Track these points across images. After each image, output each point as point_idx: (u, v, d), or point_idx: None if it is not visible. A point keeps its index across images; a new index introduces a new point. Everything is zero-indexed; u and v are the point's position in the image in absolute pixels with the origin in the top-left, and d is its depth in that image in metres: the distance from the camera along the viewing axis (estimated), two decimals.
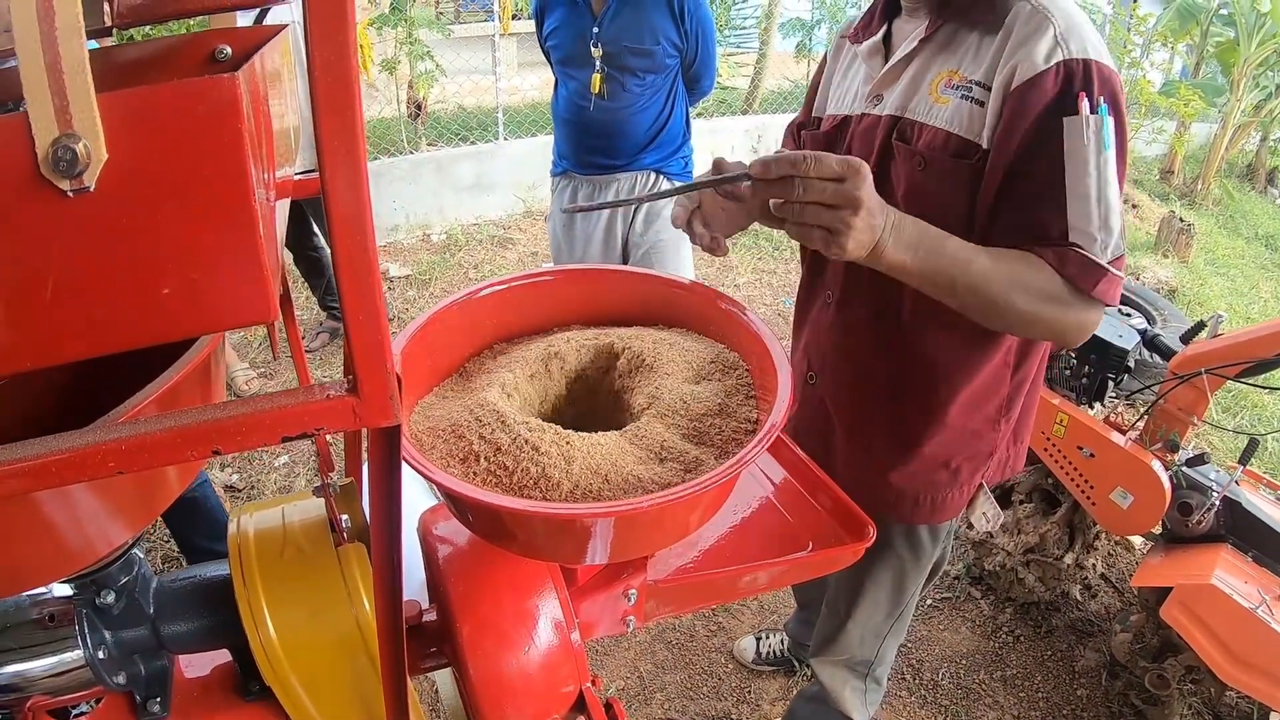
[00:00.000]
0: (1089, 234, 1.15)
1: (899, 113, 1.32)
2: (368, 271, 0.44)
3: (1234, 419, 4.11)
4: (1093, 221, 1.14)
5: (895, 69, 1.34)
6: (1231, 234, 7.37)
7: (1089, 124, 1.12)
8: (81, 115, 0.44)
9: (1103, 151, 1.13)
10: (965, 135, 1.23)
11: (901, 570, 1.68)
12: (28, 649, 0.90)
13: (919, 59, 1.31)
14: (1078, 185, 1.14)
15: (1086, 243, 1.15)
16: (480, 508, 0.89)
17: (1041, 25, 1.15)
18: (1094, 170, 1.13)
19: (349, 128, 0.41)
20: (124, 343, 0.47)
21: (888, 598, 1.73)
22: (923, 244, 1.08)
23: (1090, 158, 1.13)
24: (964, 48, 1.25)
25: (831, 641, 1.84)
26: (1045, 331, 1.21)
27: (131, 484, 0.72)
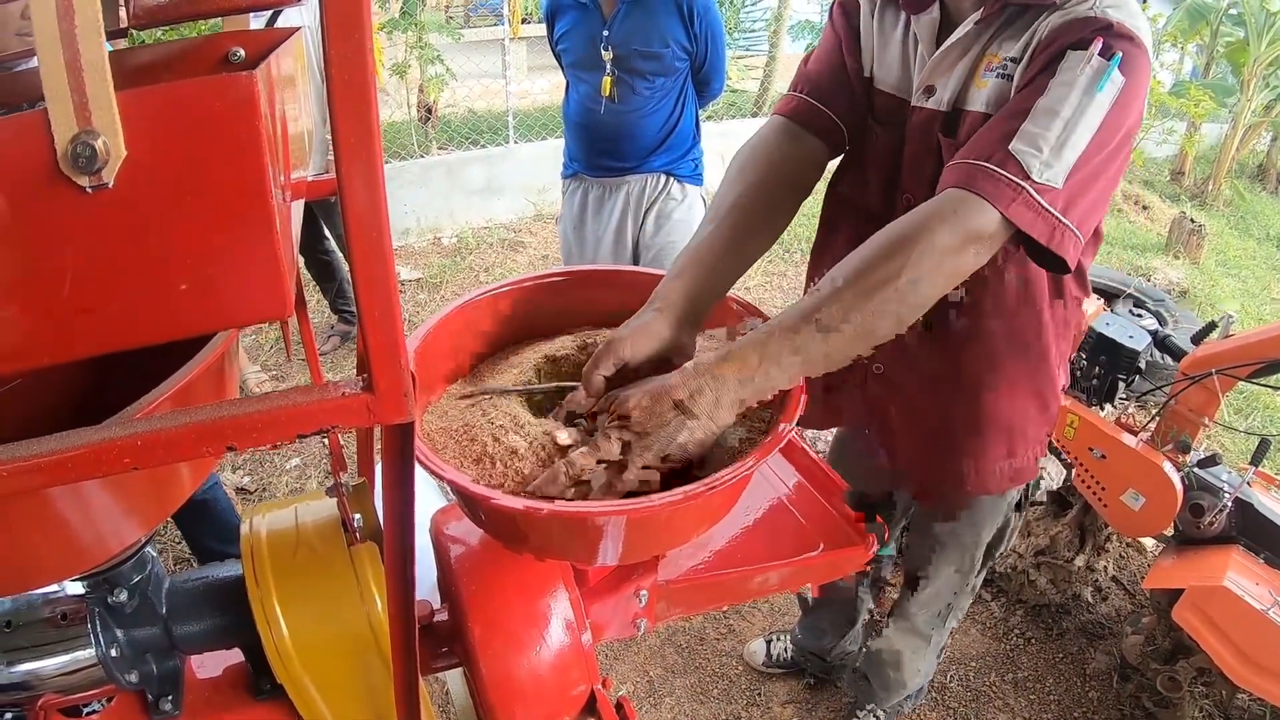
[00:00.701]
0: (1035, 145, 1.04)
1: (949, 107, 1.29)
2: (383, 269, 0.45)
3: (1246, 420, 4.09)
4: (1046, 138, 1.04)
5: (950, 54, 1.27)
6: (1243, 235, 7.34)
7: (1090, 60, 1.06)
8: (100, 112, 0.44)
9: (1093, 91, 1.05)
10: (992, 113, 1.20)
11: (976, 535, 1.79)
12: (40, 647, 0.90)
13: (974, 46, 1.25)
14: (1051, 102, 1.06)
15: (1026, 149, 1.04)
16: (492, 507, 0.89)
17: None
18: (1074, 100, 1.05)
19: (365, 125, 0.42)
20: (141, 338, 0.47)
21: (961, 560, 1.84)
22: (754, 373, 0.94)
23: (1076, 88, 1.06)
24: (1012, 29, 1.21)
25: (906, 606, 1.98)
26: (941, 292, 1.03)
27: (144, 482, 0.73)
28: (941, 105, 1.29)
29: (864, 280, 0.97)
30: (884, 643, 2.09)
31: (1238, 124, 8.08)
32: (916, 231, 1.00)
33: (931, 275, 0.99)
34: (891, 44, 1.37)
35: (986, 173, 1.04)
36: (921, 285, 0.98)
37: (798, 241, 5.90)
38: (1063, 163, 1.04)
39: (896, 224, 1.03)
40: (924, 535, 1.88)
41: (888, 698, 2.25)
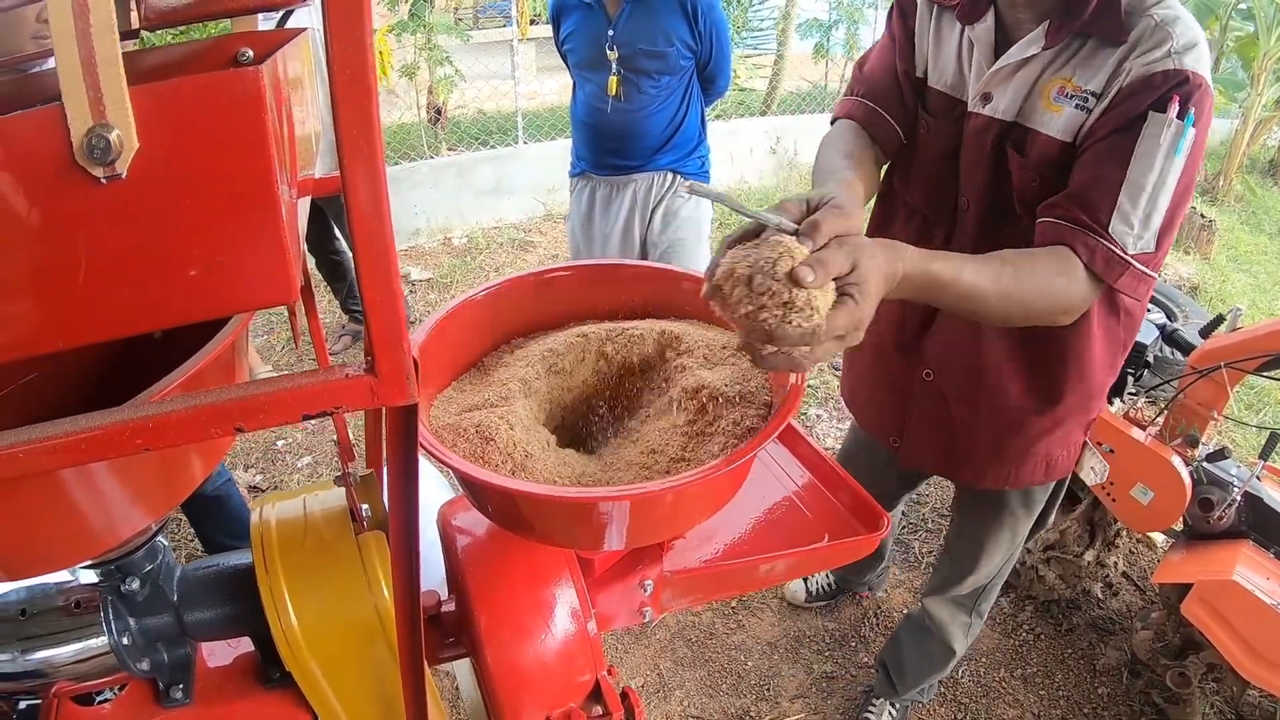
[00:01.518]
0: (1129, 222, 1.18)
1: (1011, 118, 1.35)
2: (384, 255, 0.46)
3: (1256, 414, 4.08)
4: (1138, 211, 1.18)
5: (1006, 69, 1.34)
6: (1254, 230, 7.30)
7: (1170, 125, 1.16)
8: (114, 106, 0.46)
9: (1173, 155, 1.17)
10: (1069, 141, 1.29)
11: (1015, 526, 1.86)
12: (54, 635, 0.92)
13: (1033, 64, 1.32)
14: (1138, 174, 1.18)
15: (1122, 229, 1.18)
16: (497, 493, 0.90)
17: (1162, 40, 1.19)
18: (1158, 166, 1.17)
19: (365, 114, 0.43)
20: (153, 322, 0.49)
21: (1004, 549, 1.93)
22: (930, 290, 1.04)
23: (1159, 154, 1.17)
24: (1080, 56, 1.27)
25: (948, 584, 2.06)
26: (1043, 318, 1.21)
27: (155, 467, 0.74)
28: (999, 114, 1.36)
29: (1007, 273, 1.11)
30: (925, 620, 2.16)
31: (1248, 119, 8.03)
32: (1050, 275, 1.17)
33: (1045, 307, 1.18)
34: (948, 46, 1.44)
35: (1094, 244, 1.19)
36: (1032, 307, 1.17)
37: None
38: (1150, 230, 1.20)
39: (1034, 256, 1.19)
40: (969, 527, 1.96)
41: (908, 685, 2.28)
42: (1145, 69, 1.19)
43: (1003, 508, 1.83)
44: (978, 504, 1.91)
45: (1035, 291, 1.15)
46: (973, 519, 1.94)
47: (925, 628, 2.17)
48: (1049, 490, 1.82)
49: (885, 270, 0.92)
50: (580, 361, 1.13)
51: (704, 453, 0.95)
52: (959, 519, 2.02)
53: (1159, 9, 1.21)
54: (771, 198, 6.62)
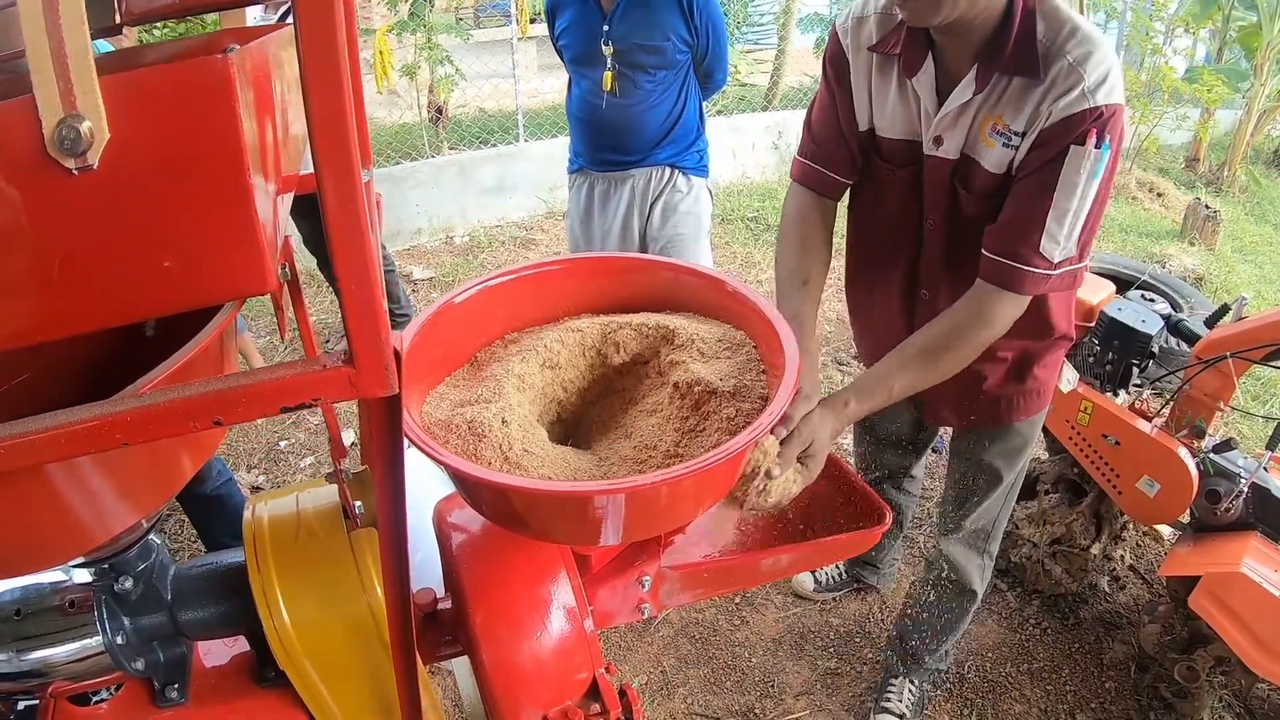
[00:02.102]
0: (1055, 239, 1.38)
1: (958, 155, 1.51)
2: (359, 244, 0.45)
3: (1262, 405, 4.05)
4: (1063, 230, 1.38)
5: (950, 115, 1.48)
6: (1259, 220, 7.25)
7: (1089, 156, 1.33)
8: (85, 97, 0.45)
9: (1092, 180, 1.35)
10: (1002, 174, 1.46)
11: (1027, 449, 1.99)
12: (49, 635, 0.92)
13: (970, 106, 1.46)
14: (1063, 199, 1.36)
15: (1050, 246, 1.38)
16: (491, 489, 0.90)
17: (1075, 81, 1.33)
18: (1079, 191, 1.35)
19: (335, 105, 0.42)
20: (129, 315, 0.48)
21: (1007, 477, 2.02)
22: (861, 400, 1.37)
23: (1080, 181, 1.34)
24: (1008, 95, 1.42)
25: (959, 522, 2.12)
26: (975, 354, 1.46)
27: (142, 462, 0.74)
28: (950, 154, 1.52)
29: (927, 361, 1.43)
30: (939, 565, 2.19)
31: (1252, 109, 7.98)
32: (965, 331, 1.44)
33: (973, 354, 1.45)
34: (891, 96, 1.57)
35: (1021, 274, 1.41)
36: (965, 360, 1.45)
37: None
38: (1073, 239, 1.40)
39: (948, 321, 1.46)
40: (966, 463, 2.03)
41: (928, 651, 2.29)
42: (1063, 112, 1.34)
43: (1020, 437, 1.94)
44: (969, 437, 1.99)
45: (958, 354, 1.43)
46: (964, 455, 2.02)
47: (940, 578, 2.20)
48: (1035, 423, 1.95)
49: (833, 430, 1.28)
50: (574, 356, 1.12)
51: (698, 447, 0.94)
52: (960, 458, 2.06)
53: (1073, 48, 1.34)
54: (773, 193, 6.60)
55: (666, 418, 1.01)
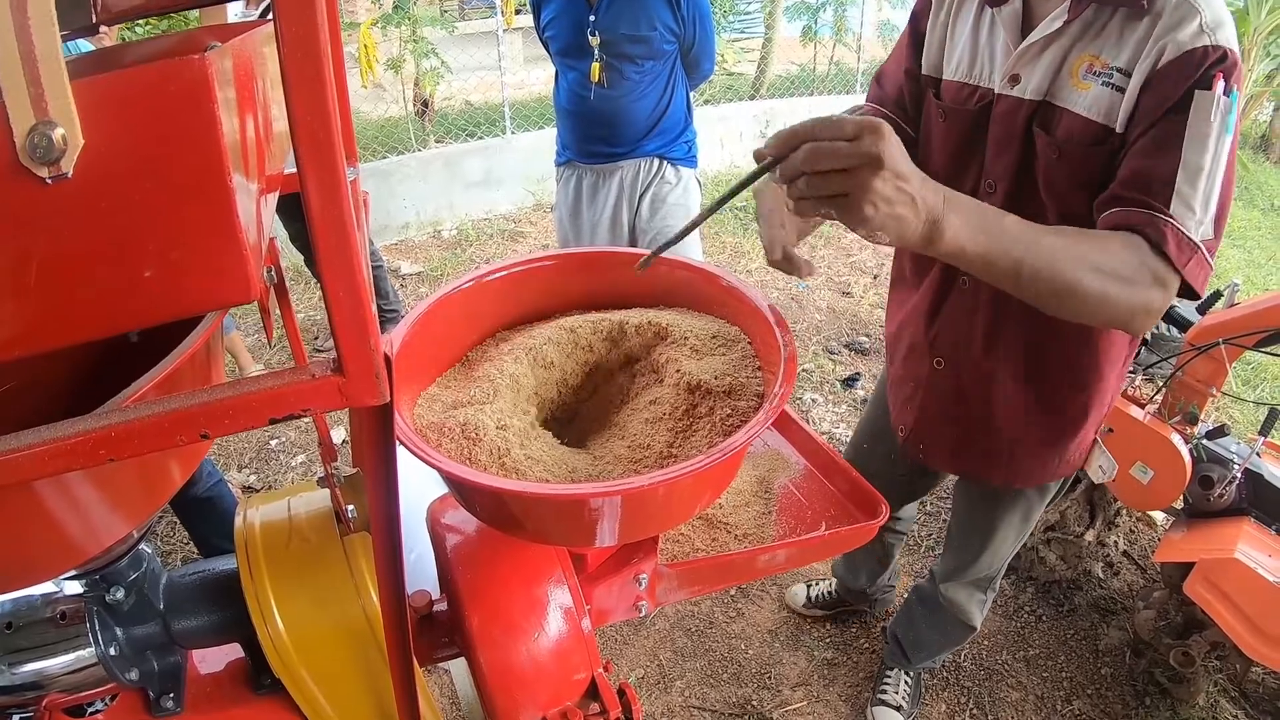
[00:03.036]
0: (1190, 205, 1.13)
1: (1040, 97, 1.31)
2: (345, 247, 0.44)
3: (1253, 390, 4.06)
4: (1198, 195, 1.13)
5: (1034, 48, 1.31)
6: (1247, 205, 7.27)
7: (1219, 104, 1.12)
8: (57, 102, 0.44)
9: (1224, 134, 1.13)
10: (1103, 122, 1.24)
11: (1029, 512, 1.84)
12: (41, 647, 0.90)
13: (1060, 40, 1.28)
14: (1193, 156, 1.13)
15: (1184, 213, 1.13)
16: (487, 494, 0.88)
17: (1189, 14, 1.15)
18: (1212, 146, 1.13)
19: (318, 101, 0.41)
20: (108, 328, 0.46)
21: (1016, 533, 1.89)
22: (983, 225, 0.98)
23: (1212, 134, 1.13)
24: (1106, 31, 1.24)
25: (963, 570, 2.02)
26: (1113, 315, 1.11)
27: (131, 473, 0.72)
28: (1028, 94, 1.32)
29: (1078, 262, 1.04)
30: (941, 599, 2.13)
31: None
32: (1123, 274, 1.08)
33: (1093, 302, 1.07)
34: (965, 32, 1.42)
35: (1162, 224, 1.12)
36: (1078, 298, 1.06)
37: None
38: (1209, 214, 1.15)
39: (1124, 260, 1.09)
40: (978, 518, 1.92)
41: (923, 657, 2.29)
42: (1180, 48, 1.15)
43: (1015, 499, 1.80)
44: (986, 495, 1.87)
45: (1114, 260, 1.08)
46: (982, 510, 1.90)
47: (940, 606, 2.14)
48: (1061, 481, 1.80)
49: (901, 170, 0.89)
50: (567, 354, 1.11)
51: (693, 446, 0.93)
52: (966, 510, 1.98)
53: None
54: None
55: (660, 417, 0.99)
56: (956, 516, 2.03)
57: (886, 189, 0.87)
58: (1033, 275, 1.02)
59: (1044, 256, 1.02)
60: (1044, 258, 1.02)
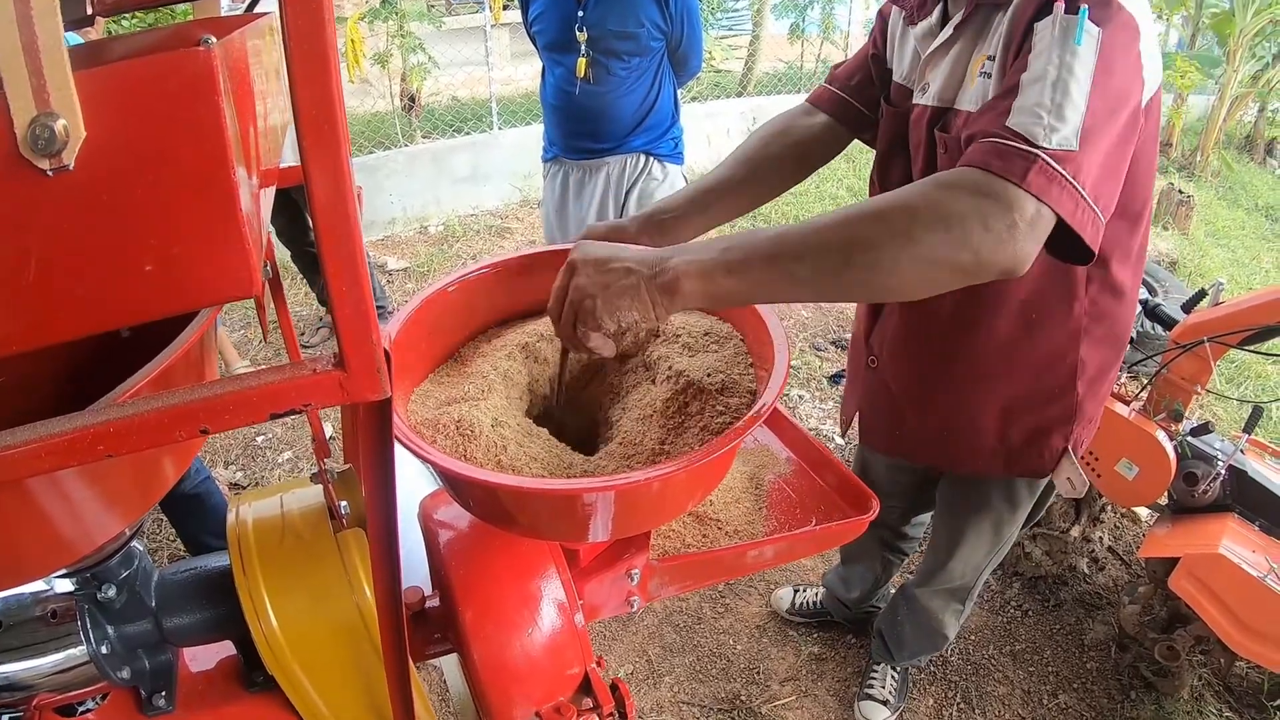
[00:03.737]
0: (1034, 113, 0.97)
1: (942, 103, 1.32)
2: (349, 242, 0.44)
3: (1236, 388, 4.10)
4: (1042, 104, 0.97)
5: (937, 53, 1.32)
6: (1231, 205, 7.34)
7: (1057, 20, 1.02)
8: (59, 93, 0.43)
9: (1069, 43, 0.99)
10: None
11: (999, 520, 1.82)
12: (31, 646, 0.89)
13: (958, 45, 1.28)
14: (1035, 69, 1.01)
15: (1026, 120, 0.96)
16: (483, 489, 0.88)
17: None
18: (1055, 58, 1.00)
19: (325, 96, 0.41)
20: (109, 322, 0.46)
21: (987, 541, 1.88)
22: (732, 245, 0.88)
23: (1053, 48, 1.01)
24: (992, 30, 1.20)
25: (934, 575, 2.04)
26: (955, 266, 0.89)
27: (125, 471, 0.72)
28: (931, 100, 1.34)
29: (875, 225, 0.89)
30: (917, 605, 2.16)
31: (1224, 95, 8.08)
32: (921, 190, 0.92)
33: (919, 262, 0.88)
34: (908, 43, 1.45)
35: (987, 147, 0.95)
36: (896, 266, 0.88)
37: (785, 221, 5.90)
38: (1066, 123, 0.96)
39: (936, 195, 0.91)
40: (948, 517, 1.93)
41: (906, 656, 2.31)
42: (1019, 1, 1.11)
43: (984, 501, 1.80)
44: (956, 493, 1.88)
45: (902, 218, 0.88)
46: (951, 509, 1.92)
47: (915, 606, 2.17)
48: (1035, 491, 1.76)
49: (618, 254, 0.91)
50: (559, 350, 1.11)
51: (684, 443, 0.93)
52: (940, 510, 1.99)
53: None
54: None
55: (652, 414, 0.99)
56: (935, 518, 2.05)
57: (587, 283, 0.89)
58: (811, 273, 0.88)
59: (809, 242, 0.88)
60: (810, 244, 0.88)
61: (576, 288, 0.89)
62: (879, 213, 0.89)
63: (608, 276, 0.88)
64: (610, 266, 0.88)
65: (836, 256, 0.87)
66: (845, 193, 6.35)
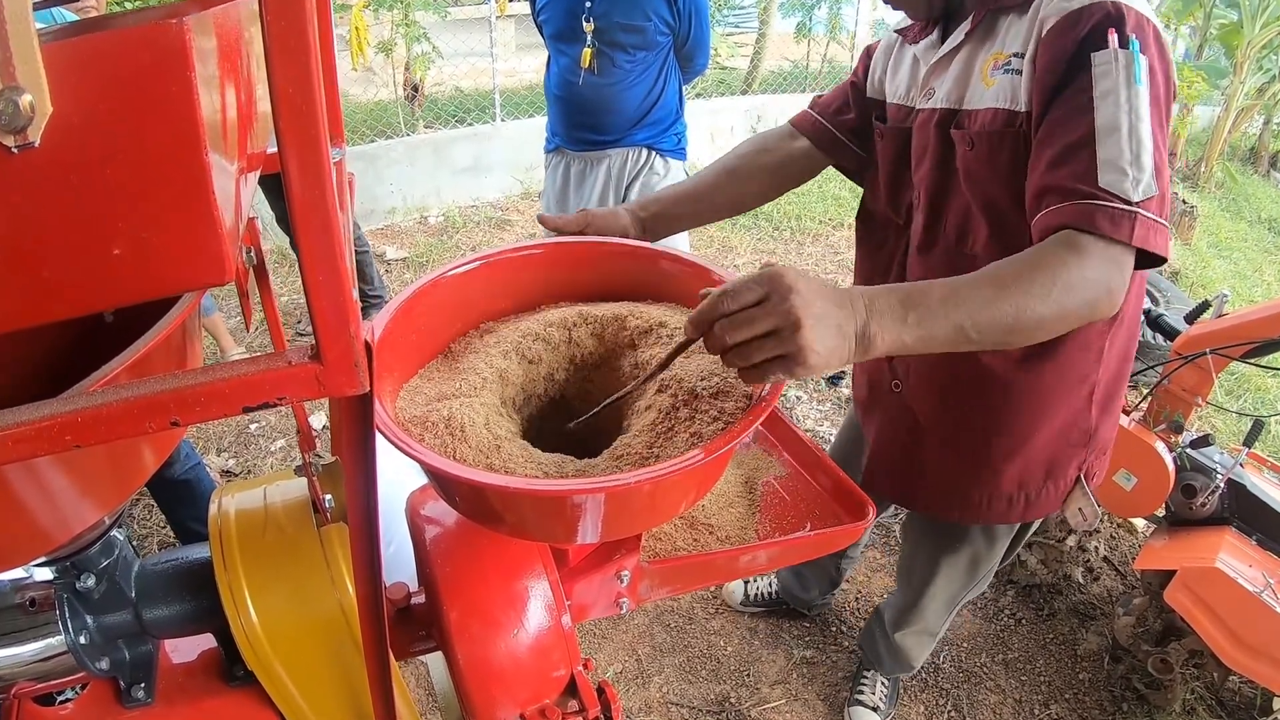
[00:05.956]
0: (1119, 168, 1.07)
1: (951, 105, 1.35)
2: (326, 230, 0.42)
3: (1237, 401, 4.09)
4: (1124, 156, 1.07)
5: (944, 60, 1.37)
6: (1234, 217, 7.33)
7: (1118, 58, 1.09)
8: (25, 67, 0.41)
9: (1133, 85, 1.09)
10: (1009, 106, 1.25)
11: (975, 558, 1.78)
12: (9, 635, 0.88)
13: (966, 48, 1.33)
14: (1107, 119, 1.09)
15: (1116, 178, 1.07)
16: (472, 489, 0.86)
17: None
18: (1124, 103, 1.08)
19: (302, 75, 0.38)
20: (74, 308, 0.44)
21: (961, 576, 1.85)
22: (911, 312, 0.94)
23: (1120, 90, 1.09)
24: (1007, 30, 1.26)
25: (909, 614, 2.03)
26: (1079, 319, 1.05)
27: (102, 459, 0.70)
28: (940, 103, 1.37)
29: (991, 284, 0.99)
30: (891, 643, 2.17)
31: (1230, 106, 8.07)
32: (1043, 261, 1.04)
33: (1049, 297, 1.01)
34: (904, 65, 1.49)
35: (1091, 209, 1.06)
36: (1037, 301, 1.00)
37: (787, 219, 5.90)
38: (1145, 170, 1.07)
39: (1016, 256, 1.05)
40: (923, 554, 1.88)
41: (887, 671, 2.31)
42: (1059, 11, 1.16)
43: (961, 539, 1.75)
44: (933, 530, 1.83)
45: (1032, 286, 1.00)
46: (926, 547, 1.86)
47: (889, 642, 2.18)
48: (1014, 528, 1.71)
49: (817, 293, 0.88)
50: (553, 348, 1.09)
51: (673, 448, 0.91)
52: (912, 543, 1.96)
53: None
54: None
55: (647, 411, 0.97)
56: (903, 552, 2.03)
57: (813, 335, 0.84)
58: (980, 330, 0.97)
59: (983, 310, 0.97)
60: (984, 311, 0.97)
61: (798, 341, 0.84)
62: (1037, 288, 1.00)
63: (827, 334, 0.87)
64: (828, 323, 0.87)
65: (1004, 329, 0.99)
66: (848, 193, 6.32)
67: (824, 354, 0.86)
